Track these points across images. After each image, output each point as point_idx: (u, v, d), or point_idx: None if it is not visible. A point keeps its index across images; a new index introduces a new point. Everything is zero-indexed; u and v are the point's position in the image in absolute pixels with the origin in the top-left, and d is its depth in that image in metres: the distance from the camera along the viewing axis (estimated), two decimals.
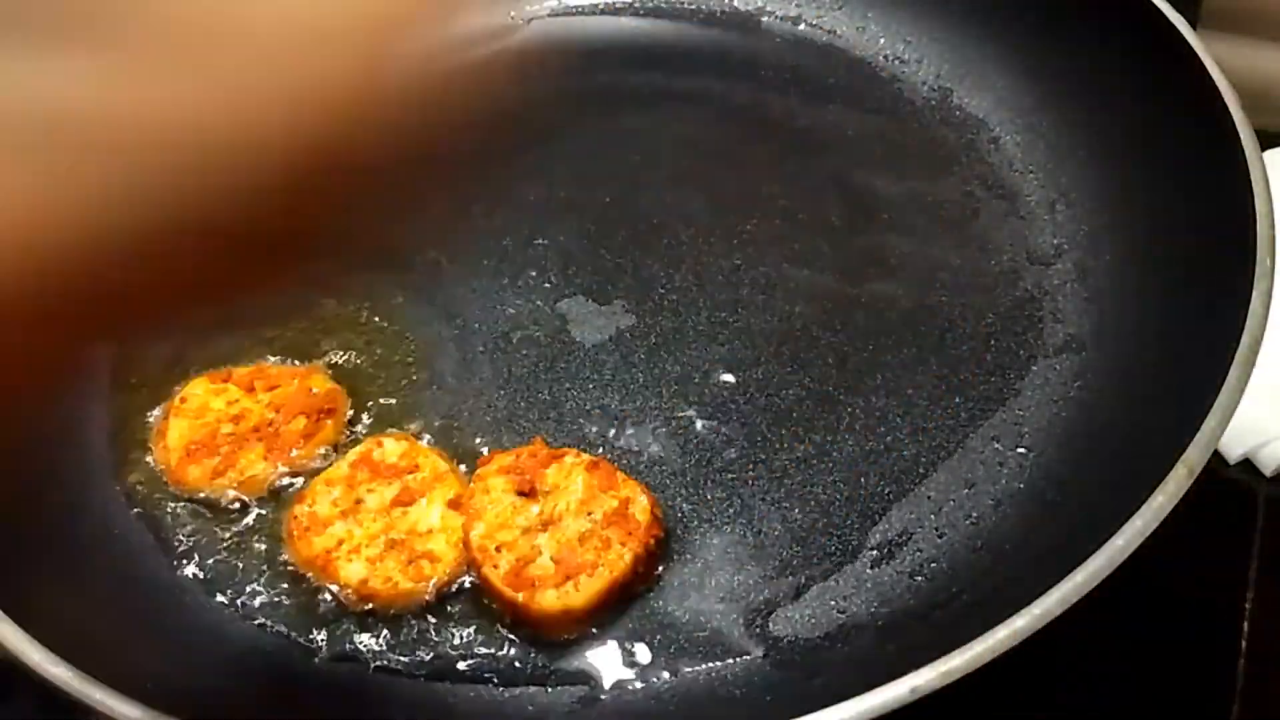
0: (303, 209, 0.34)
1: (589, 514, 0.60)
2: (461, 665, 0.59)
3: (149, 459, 0.68)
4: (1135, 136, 0.73)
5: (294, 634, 0.60)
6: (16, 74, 0.26)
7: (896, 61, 0.89)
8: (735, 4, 0.95)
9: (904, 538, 0.62)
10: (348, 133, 0.31)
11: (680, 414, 0.68)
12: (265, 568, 0.63)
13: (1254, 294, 0.56)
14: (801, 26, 0.93)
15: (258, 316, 0.75)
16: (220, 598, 0.62)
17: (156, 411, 0.71)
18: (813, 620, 0.59)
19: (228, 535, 0.65)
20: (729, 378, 0.70)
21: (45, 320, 0.29)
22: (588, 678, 0.58)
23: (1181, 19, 0.70)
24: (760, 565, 0.61)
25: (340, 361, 0.72)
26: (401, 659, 0.59)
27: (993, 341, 0.70)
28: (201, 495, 0.66)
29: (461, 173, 0.97)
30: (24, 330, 0.29)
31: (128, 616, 0.61)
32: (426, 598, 0.60)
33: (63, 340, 0.31)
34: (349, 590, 0.60)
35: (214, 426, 0.67)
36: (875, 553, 0.61)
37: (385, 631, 0.60)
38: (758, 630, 0.59)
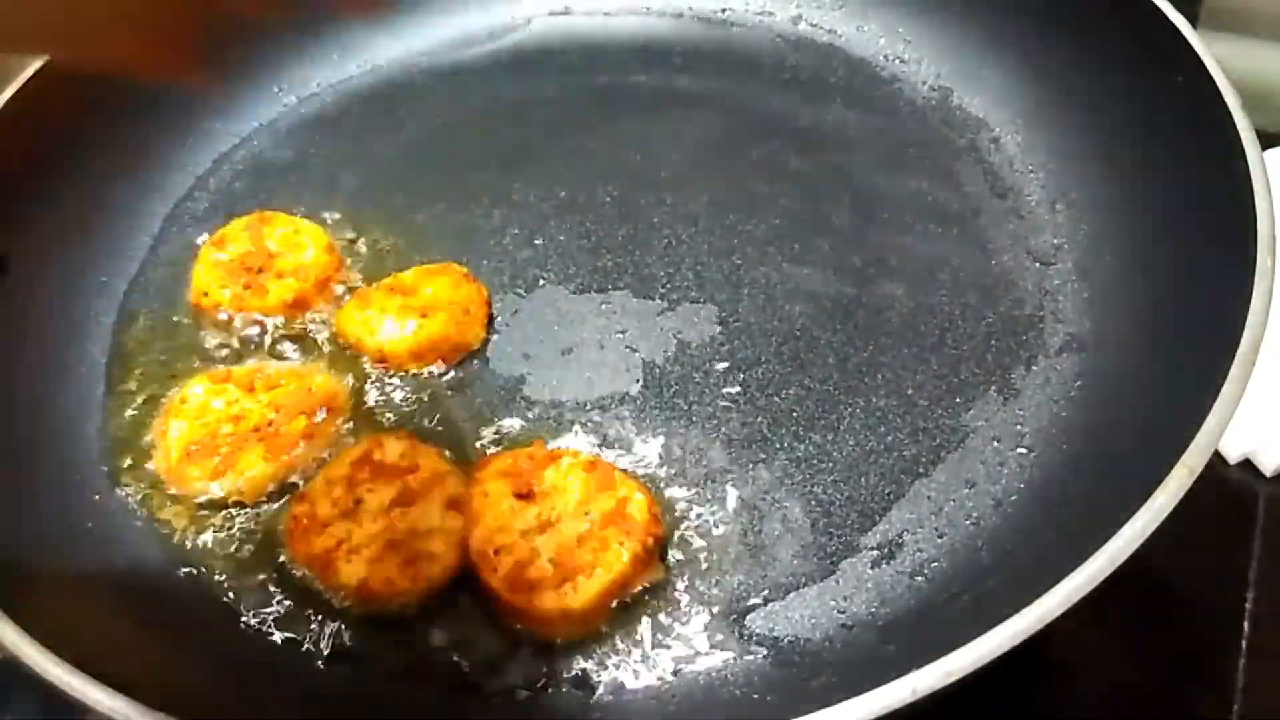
0: None
1: (587, 514, 0.60)
2: (461, 666, 0.59)
3: (149, 460, 0.68)
4: (1135, 136, 0.73)
5: (293, 634, 0.60)
6: None
7: (896, 61, 0.89)
8: (735, 4, 0.95)
9: (904, 538, 0.62)
10: None
11: (680, 413, 0.68)
12: (265, 568, 0.63)
13: (1254, 294, 0.56)
14: (802, 26, 0.93)
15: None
16: (220, 598, 0.62)
17: (156, 411, 0.71)
18: (813, 620, 0.59)
19: (228, 535, 0.65)
20: (729, 377, 0.70)
21: None
22: (587, 678, 0.58)
23: (1181, 19, 0.70)
24: (760, 565, 0.61)
25: (342, 360, 0.72)
26: (401, 660, 0.59)
27: (993, 341, 0.70)
28: (201, 495, 0.66)
29: (463, 173, 0.98)
30: None
31: (128, 617, 0.61)
32: (426, 598, 0.60)
33: None
34: (348, 590, 0.60)
35: (214, 426, 0.67)
36: (875, 553, 0.61)
37: (384, 632, 0.60)
38: (758, 630, 0.59)
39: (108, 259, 0.80)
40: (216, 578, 0.63)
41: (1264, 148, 0.63)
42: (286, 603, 0.62)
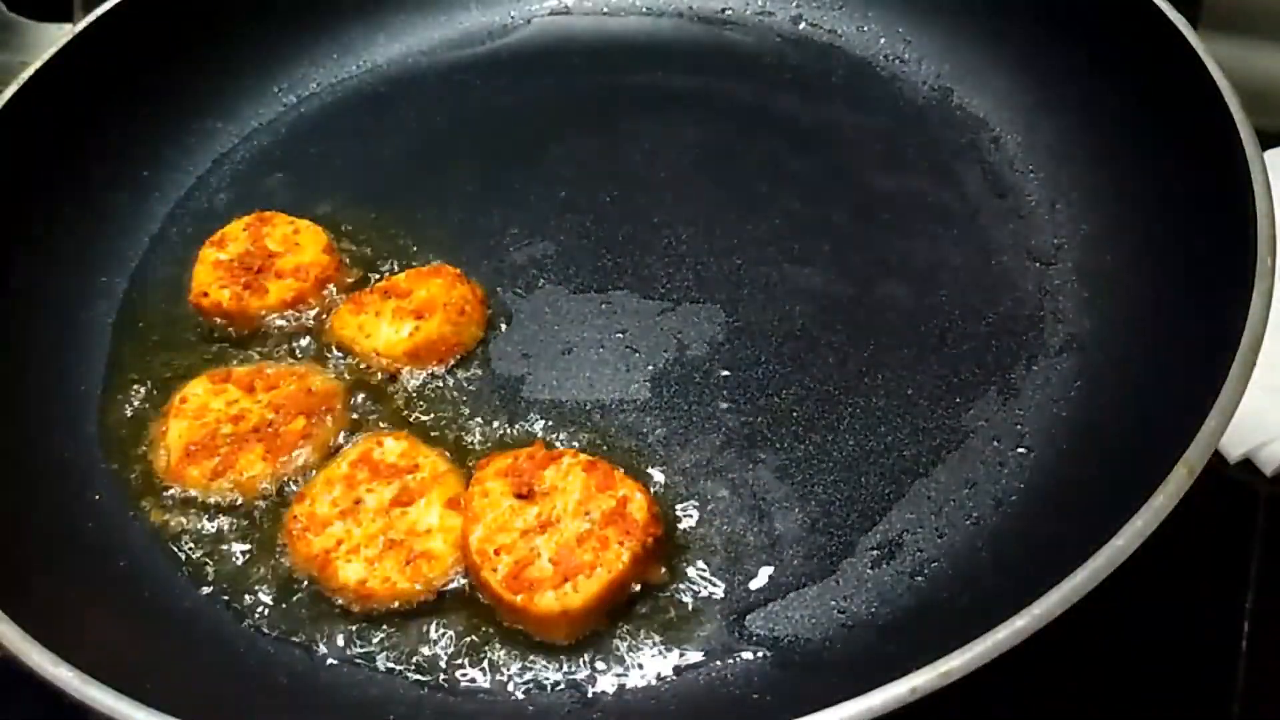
0: None
1: (587, 514, 0.60)
2: (460, 666, 0.59)
3: (149, 460, 0.68)
4: (1135, 137, 0.73)
5: (292, 634, 0.60)
6: None
7: (896, 61, 0.89)
8: (735, 4, 0.95)
9: (904, 538, 0.62)
10: None
11: (680, 414, 0.68)
12: (265, 568, 0.63)
13: (1254, 294, 0.56)
14: (802, 26, 0.93)
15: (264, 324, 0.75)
16: (220, 598, 0.62)
17: (156, 411, 0.71)
18: (813, 620, 0.59)
19: (227, 536, 0.65)
20: (729, 377, 0.70)
21: None
22: (587, 678, 0.58)
23: (1182, 19, 0.70)
24: (760, 565, 0.61)
25: (341, 360, 0.72)
26: (400, 659, 0.59)
27: (993, 341, 0.70)
28: (201, 496, 0.66)
29: (463, 173, 0.98)
30: None
31: (127, 617, 0.61)
32: (425, 598, 0.60)
33: None
34: (347, 590, 0.60)
35: (214, 427, 0.67)
36: (875, 553, 0.61)
37: (384, 631, 0.60)
38: (758, 630, 0.59)
39: (108, 259, 0.80)
40: (216, 577, 0.63)
41: (1264, 148, 0.63)
42: (285, 603, 0.62)
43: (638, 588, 0.60)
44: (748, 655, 0.58)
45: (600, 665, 0.58)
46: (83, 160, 0.81)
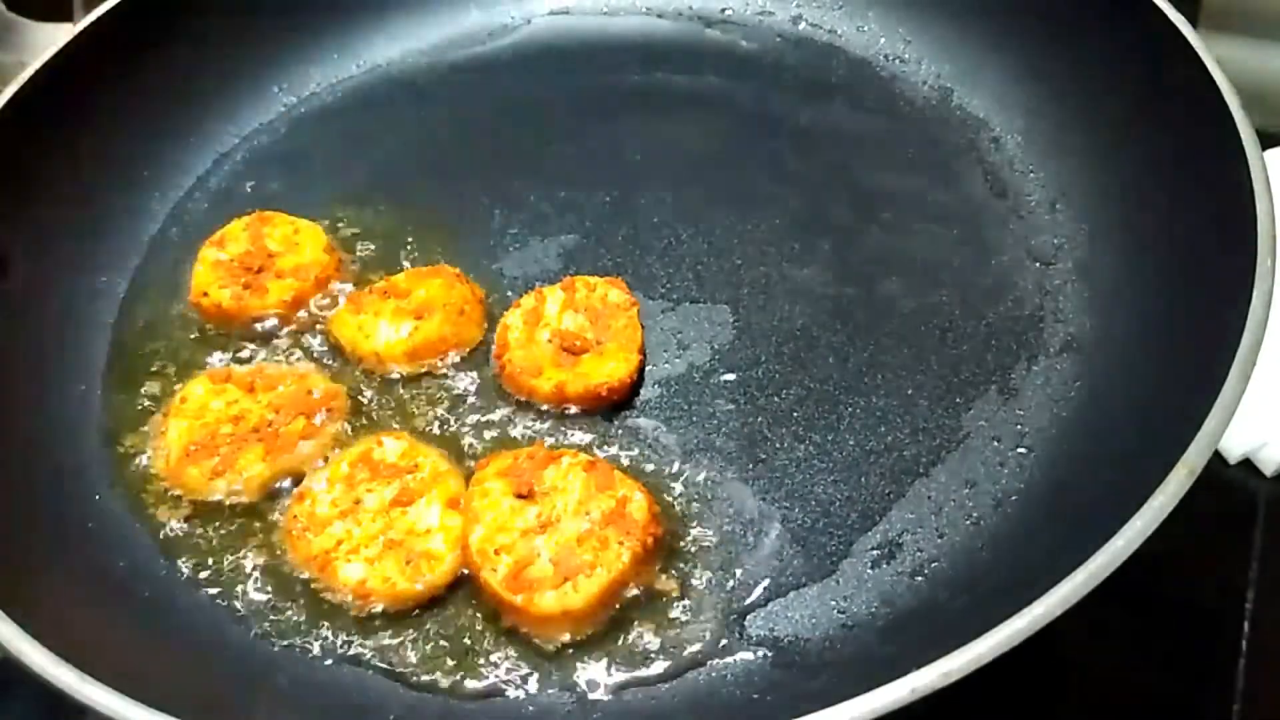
0: None
1: (587, 514, 0.60)
2: (460, 666, 0.59)
3: (148, 459, 0.68)
4: (1136, 137, 0.73)
5: (293, 634, 0.60)
6: None
7: (896, 61, 0.89)
8: (735, 4, 0.95)
9: (904, 538, 0.62)
10: None
11: (680, 413, 0.68)
12: (265, 568, 0.63)
13: (1254, 294, 0.56)
14: (802, 26, 0.93)
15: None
16: (219, 598, 0.62)
17: (156, 411, 0.71)
18: (813, 620, 0.59)
19: (227, 535, 0.65)
20: (729, 377, 0.70)
21: None
22: (587, 678, 0.58)
23: (1182, 18, 0.70)
24: (760, 565, 0.61)
25: (341, 360, 0.72)
26: (400, 659, 0.59)
27: (993, 341, 0.70)
28: (200, 496, 0.66)
29: (463, 173, 0.98)
30: None
31: (127, 617, 0.61)
32: (425, 598, 0.60)
33: None
34: (347, 590, 0.60)
35: (213, 427, 0.67)
36: (875, 553, 0.61)
37: (384, 631, 0.60)
38: (758, 630, 0.59)
39: (108, 259, 0.80)
40: (216, 577, 0.63)
41: (1264, 148, 0.63)
42: (285, 603, 0.62)
43: (638, 588, 0.60)
44: (748, 655, 0.58)
45: (600, 665, 0.58)
46: (83, 160, 0.81)
